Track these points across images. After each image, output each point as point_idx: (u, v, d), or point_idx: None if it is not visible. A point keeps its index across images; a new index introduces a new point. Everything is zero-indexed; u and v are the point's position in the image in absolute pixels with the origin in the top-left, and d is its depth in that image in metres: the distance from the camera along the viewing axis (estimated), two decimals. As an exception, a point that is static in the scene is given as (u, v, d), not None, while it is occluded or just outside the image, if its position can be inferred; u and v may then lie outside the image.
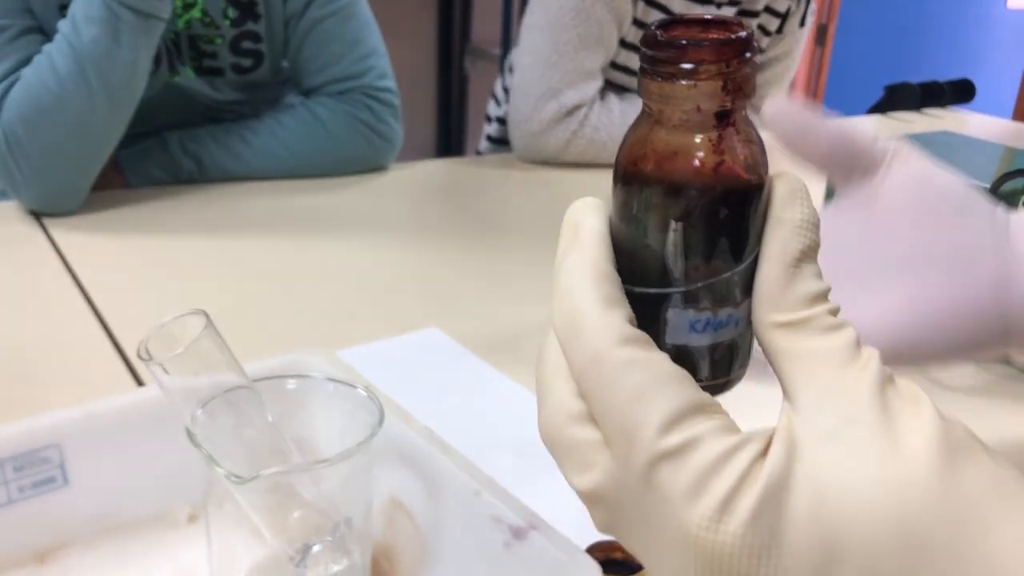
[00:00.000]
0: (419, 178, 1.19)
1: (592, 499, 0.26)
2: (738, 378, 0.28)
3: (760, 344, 0.26)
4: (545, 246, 0.78)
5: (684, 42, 0.24)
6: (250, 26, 1.09)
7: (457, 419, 0.61)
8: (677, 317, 0.26)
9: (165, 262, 0.89)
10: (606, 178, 0.27)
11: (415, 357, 0.71)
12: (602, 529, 0.26)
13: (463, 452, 0.44)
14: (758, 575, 0.22)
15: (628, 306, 0.26)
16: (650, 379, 0.24)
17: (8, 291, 0.81)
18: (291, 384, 0.43)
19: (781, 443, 0.23)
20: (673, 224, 0.25)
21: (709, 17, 0.26)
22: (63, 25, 0.93)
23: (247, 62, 1.11)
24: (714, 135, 0.25)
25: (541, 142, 1.20)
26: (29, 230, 0.95)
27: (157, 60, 1.02)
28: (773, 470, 0.22)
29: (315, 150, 1.12)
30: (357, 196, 1.11)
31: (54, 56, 0.92)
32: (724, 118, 0.25)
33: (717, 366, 0.27)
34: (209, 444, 0.37)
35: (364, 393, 0.41)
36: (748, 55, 0.24)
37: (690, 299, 0.26)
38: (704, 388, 0.25)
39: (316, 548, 0.42)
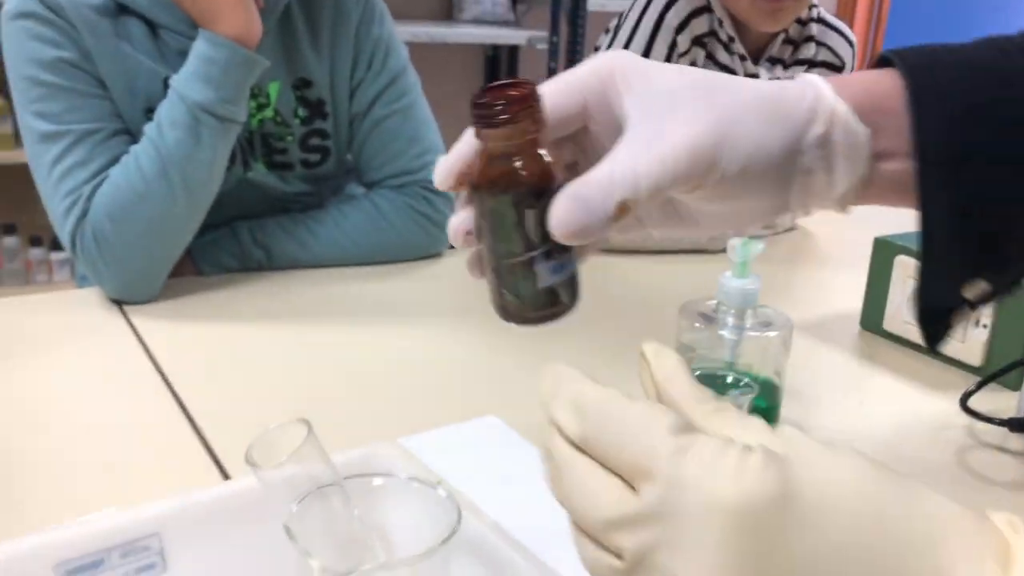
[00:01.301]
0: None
1: (620, 525, 0.32)
2: (579, 300, 0.43)
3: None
4: (605, 335, 0.82)
5: (485, 100, 0.39)
6: (318, 124, 1.17)
7: (517, 509, 0.64)
8: (542, 268, 0.41)
9: (237, 349, 0.94)
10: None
11: (474, 445, 0.75)
12: (635, 553, 0.32)
13: (525, 543, 0.47)
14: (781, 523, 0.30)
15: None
16: (646, 409, 0.33)
17: (92, 375, 0.87)
18: (377, 482, 0.47)
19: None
20: (526, 212, 0.40)
21: (509, 81, 0.39)
22: (149, 128, 1.00)
23: (315, 157, 1.19)
24: (522, 158, 0.39)
25: None
26: (110, 315, 1.02)
27: (232, 158, 1.09)
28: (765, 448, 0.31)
29: (376, 239, 1.18)
30: (415, 282, 1.16)
31: (140, 157, 0.99)
32: (526, 146, 0.39)
33: (572, 293, 0.43)
34: (304, 538, 0.41)
35: (443, 493, 0.45)
36: (532, 105, 0.39)
37: (545, 255, 0.40)
38: (568, 309, 0.42)
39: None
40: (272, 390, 0.84)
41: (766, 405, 0.73)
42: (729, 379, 0.68)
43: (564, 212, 0.39)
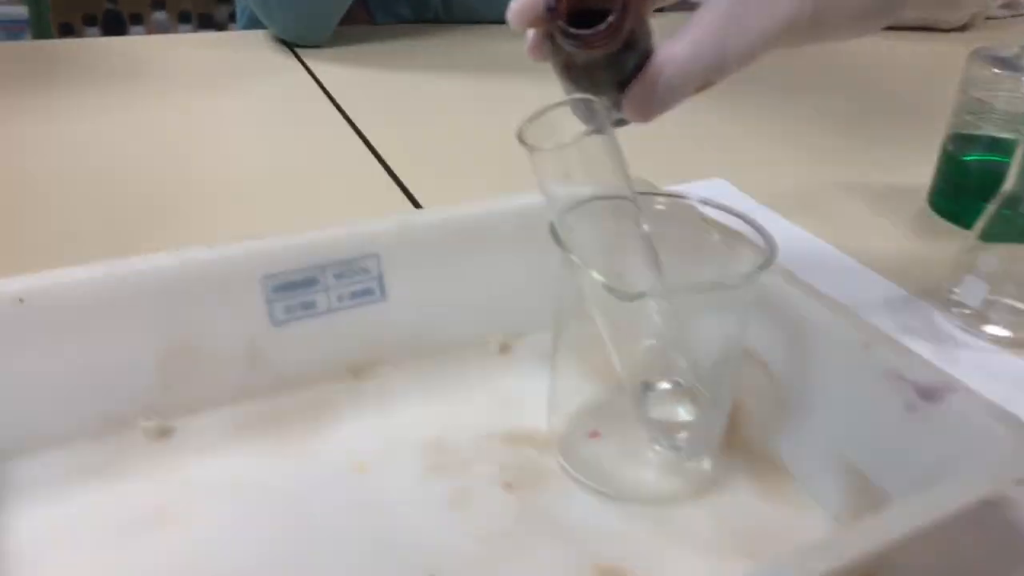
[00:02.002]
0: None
1: None
2: None
3: None
4: (823, 106, 0.68)
5: None
6: None
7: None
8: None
9: (421, 96, 0.85)
10: None
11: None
12: None
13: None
14: None
15: None
16: None
17: (273, 112, 0.79)
18: (664, 204, 0.37)
19: None
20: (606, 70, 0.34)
21: None
22: None
23: None
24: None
25: None
26: (282, 57, 0.94)
27: None
28: None
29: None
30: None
31: None
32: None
33: None
34: (578, 251, 0.32)
35: (751, 227, 0.35)
36: None
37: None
38: None
39: (662, 387, 0.37)
40: (465, 138, 0.74)
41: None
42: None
43: (639, 101, 0.35)
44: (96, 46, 0.97)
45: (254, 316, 0.40)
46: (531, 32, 0.36)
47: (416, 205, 0.61)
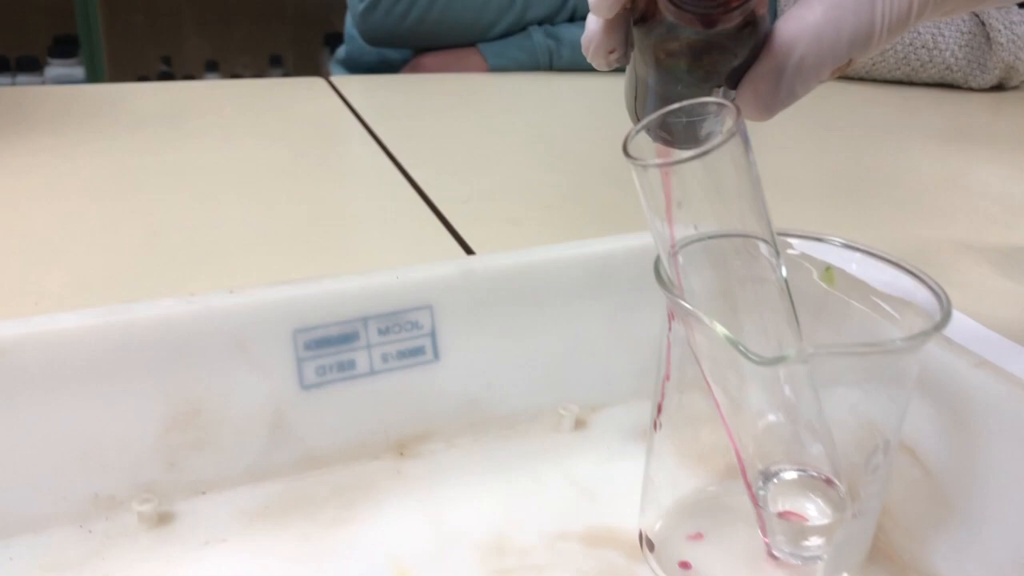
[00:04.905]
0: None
1: None
2: None
3: None
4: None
5: None
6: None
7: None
8: None
9: (474, 141, 0.79)
10: None
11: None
12: None
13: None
14: None
15: None
16: None
17: (314, 156, 0.74)
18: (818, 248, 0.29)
19: None
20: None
21: None
22: None
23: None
24: None
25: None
26: (328, 99, 0.89)
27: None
28: None
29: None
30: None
31: None
32: None
33: None
34: (690, 299, 0.25)
35: (923, 282, 0.27)
36: None
37: None
38: None
39: (788, 476, 0.29)
40: (523, 186, 0.68)
41: None
42: None
43: (762, 91, 0.27)
44: (144, 90, 0.93)
45: (280, 377, 0.33)
46: (595, 28, 0.29)
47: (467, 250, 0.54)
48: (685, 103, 0.24)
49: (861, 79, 1.08)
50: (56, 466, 0.30)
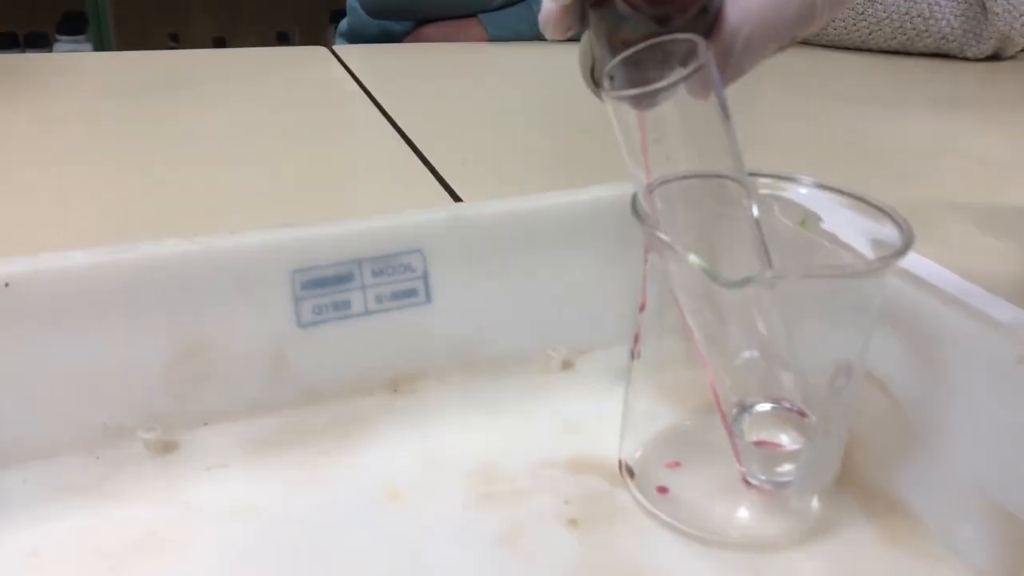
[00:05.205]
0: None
1: None
2: None
3: None
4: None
5: None
6: None
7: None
8: None
9: (467, 99, 0.80)
10: None
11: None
12: None
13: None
14: None
15: None
16: None
17: (309, 114, 0.75)
18: (801, 190, 0.31)
19: None
20: None
21: None
22: None
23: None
24: None
25: None
26: (326, 61, 0.90)
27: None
28: None
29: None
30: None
31: None
32: None
33: None
34: (667, 232, 0.26)
35: (888, 216, 0.28)
36: None
37: None
38: None
39: (762, 408, 0.30)
40: (513, 141, 0.69)
41: None
42: None
43: (701, 78, 0.27)
44: (151, 59, 0.94)
45: (279, 315, 0.34)
46: (552, 7, 0.30)
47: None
48: (653, 40, 0.26)
49: (857, 48, 1.09)
50: (67, 397, 0.32)
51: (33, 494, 0.31)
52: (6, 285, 0.30)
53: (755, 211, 0.27)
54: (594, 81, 0.29)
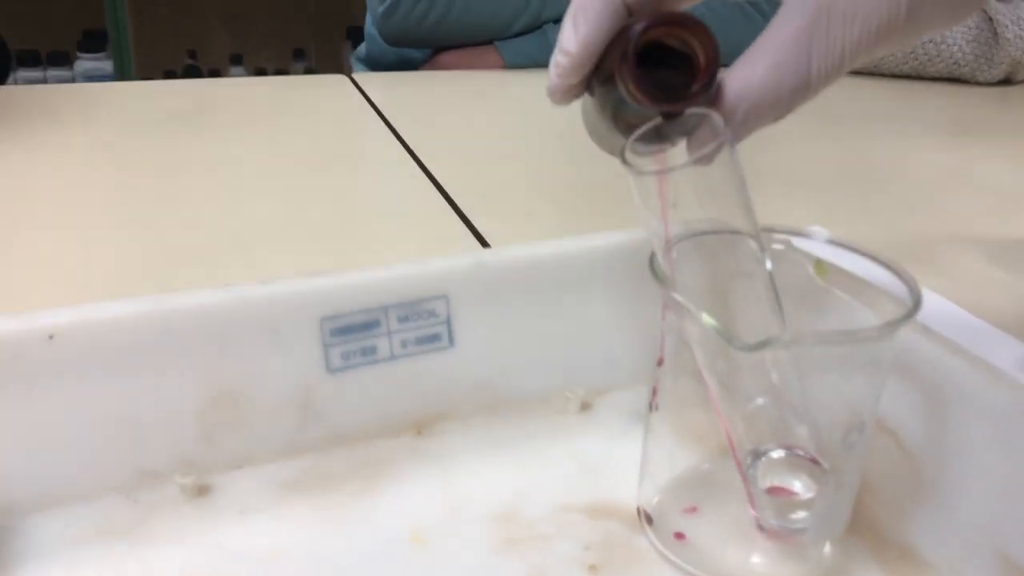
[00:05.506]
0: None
1: None
2: None
3: None
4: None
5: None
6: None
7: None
8: None
9: (492, 135, 0.82)
10: None
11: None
12: None
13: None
14: None
15: None
16: None
17: (337, 152, 0.77)
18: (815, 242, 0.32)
19: None
20: None
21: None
22: None
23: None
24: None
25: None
26: (349, 95, 0.91)
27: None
28: None
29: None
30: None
31: None
32: None
33: None
34: (683, 292, 0.27)
35: (898, 275, 0.29)
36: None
37: None
38: None
39: (775, 455, 0.31)
40: (539, 180, 0.70)
41: None
42: None
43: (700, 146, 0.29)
44: (172, 87, 0.96)
45: (308, 362, 0.36)
46: (558, 84, 0.32)
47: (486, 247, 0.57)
48: (658, 122, 0.27)
49: (870, 73, 1.10)
50: (105, 443, 0.33)
51: (74, 536, 0.32)
52: (50, 337, 0.32)
53: (768, 265, 0.28)
54: (606, 147, 0.30)
